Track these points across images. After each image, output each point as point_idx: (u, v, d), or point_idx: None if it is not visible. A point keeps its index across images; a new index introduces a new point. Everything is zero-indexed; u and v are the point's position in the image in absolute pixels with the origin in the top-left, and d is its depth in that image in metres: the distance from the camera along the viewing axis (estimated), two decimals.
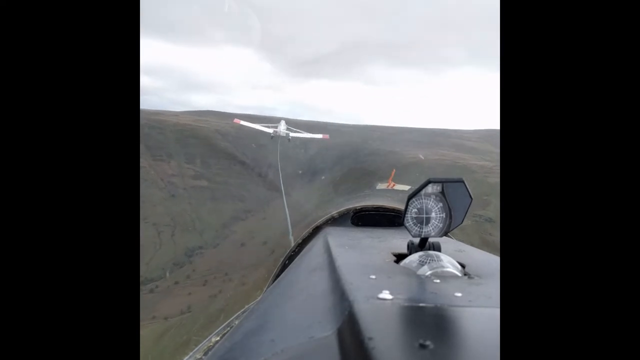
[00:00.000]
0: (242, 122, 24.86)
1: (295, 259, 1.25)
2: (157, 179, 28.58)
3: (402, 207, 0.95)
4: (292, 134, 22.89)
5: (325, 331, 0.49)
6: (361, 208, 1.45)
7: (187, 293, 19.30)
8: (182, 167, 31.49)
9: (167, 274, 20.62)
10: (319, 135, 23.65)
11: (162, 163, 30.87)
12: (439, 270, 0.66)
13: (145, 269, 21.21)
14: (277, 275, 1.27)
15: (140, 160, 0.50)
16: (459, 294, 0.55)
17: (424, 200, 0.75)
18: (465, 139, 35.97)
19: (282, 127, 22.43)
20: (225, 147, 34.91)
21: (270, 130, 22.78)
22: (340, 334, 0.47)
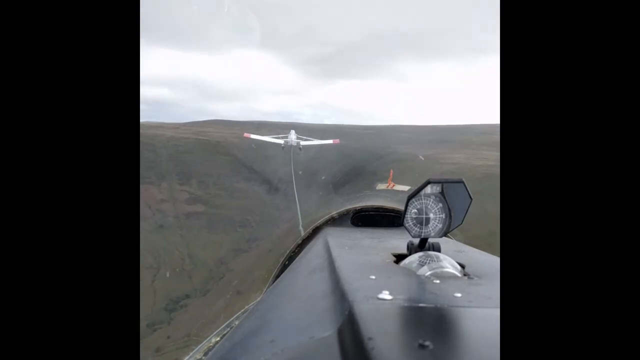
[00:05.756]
0: (252, 136, 24.86)
1: (295, 260, 1.27)
2: (143, 207, 22.70)
3: (401, 207, 0.99)
4: (302, 143, 22.94)
5: (325, 331, 0.50)
6: (361, 208, 1.46)
7: None
8: (175, 190, 25.80)
9: None
10: (330, 141, 23.55)
11: (151, 187, 25.06)
12: (438, 270, 0.68)
13: None
14: (277, 276, 1.29)
15: None
16: (459, 295, 0.56)
17: (423, 201, 0.75)
18: None
19: (292, 137, 22.57)
20: (227, 161, 28.97)
21: (281, 141, 22.90)
22: (340, 334, 0.49)
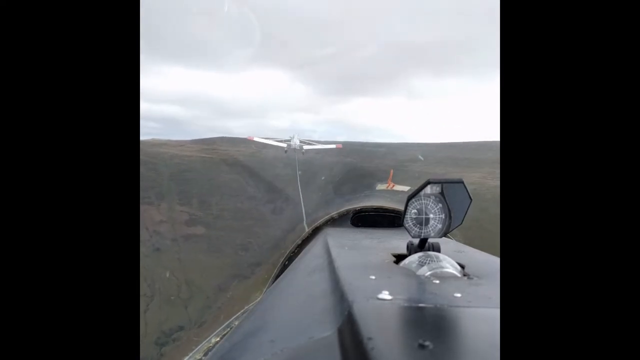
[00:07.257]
0: (256, 138, 24.70)
1: (295, 260, 1.28)
2: (140, 229, 21.01)
3: (401, 207, 0.99)
4: (305, 147, 22.32)
5: (325, 331, 0.51)
6: (361, 209, 1.47)
7: None
8: (174, 211, 24.18)
9: None
10: (332, 145, 22.68)
11: (150, 207, 23.37)
12: (438, 270, 0.68)
13: None
14: (277, 276, 1.30)
15: None
16: (459, 295, 0.56)
17: (423, 201, 0.76)
18: None
19: (295, 140, 22.03)
20: (230, 180, 27.26)
21: (284, 145, 22.34)
22: (340, 334, 0.49)
